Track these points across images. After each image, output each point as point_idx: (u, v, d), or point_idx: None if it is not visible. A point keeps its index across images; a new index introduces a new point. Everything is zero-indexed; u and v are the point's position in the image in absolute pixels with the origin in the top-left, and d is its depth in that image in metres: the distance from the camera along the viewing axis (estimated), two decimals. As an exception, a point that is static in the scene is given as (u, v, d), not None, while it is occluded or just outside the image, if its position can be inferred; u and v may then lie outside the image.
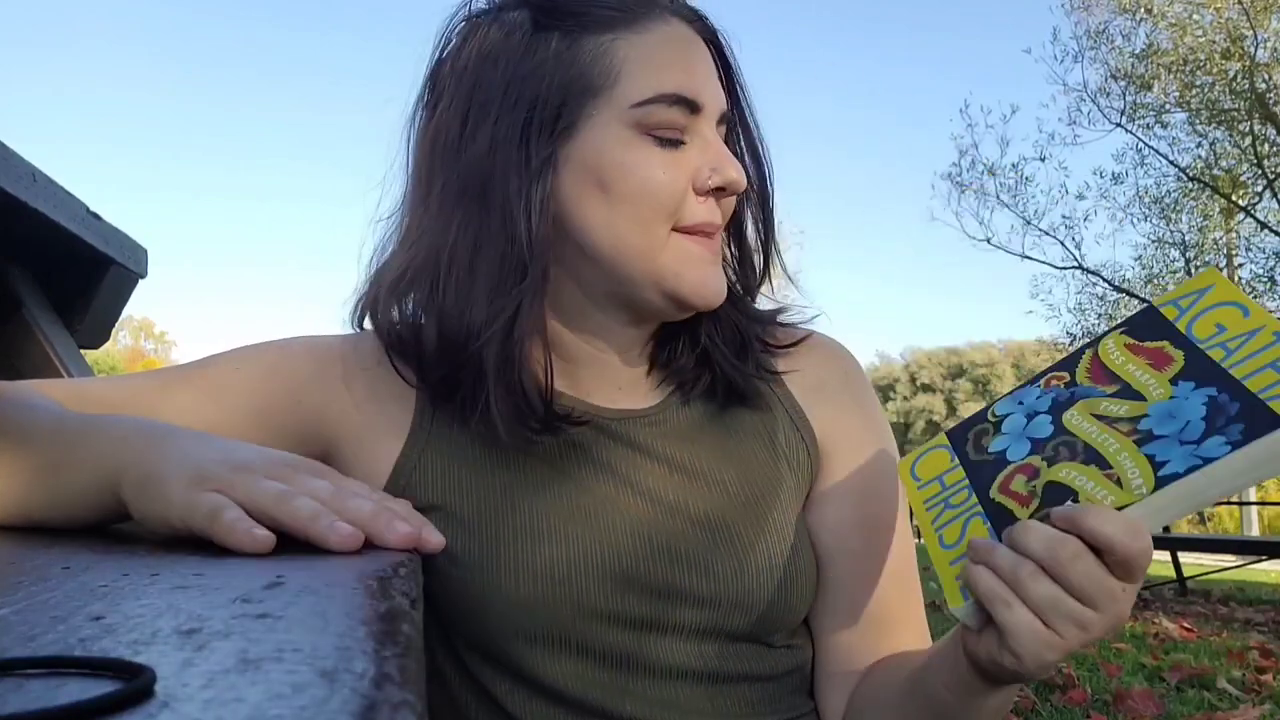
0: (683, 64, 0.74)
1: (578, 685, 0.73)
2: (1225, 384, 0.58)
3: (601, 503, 0.76)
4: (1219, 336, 0.61)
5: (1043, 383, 0.69)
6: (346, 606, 0.35)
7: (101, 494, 0.58)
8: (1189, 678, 2.62)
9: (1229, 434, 0.55)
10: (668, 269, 0.74)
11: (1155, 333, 0.65)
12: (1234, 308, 0.62)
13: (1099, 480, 0.58)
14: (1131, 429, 0.60)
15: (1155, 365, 0.63)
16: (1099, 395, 0.64)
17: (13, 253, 1.31)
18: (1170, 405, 0.59)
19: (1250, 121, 12.81)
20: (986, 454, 0.67)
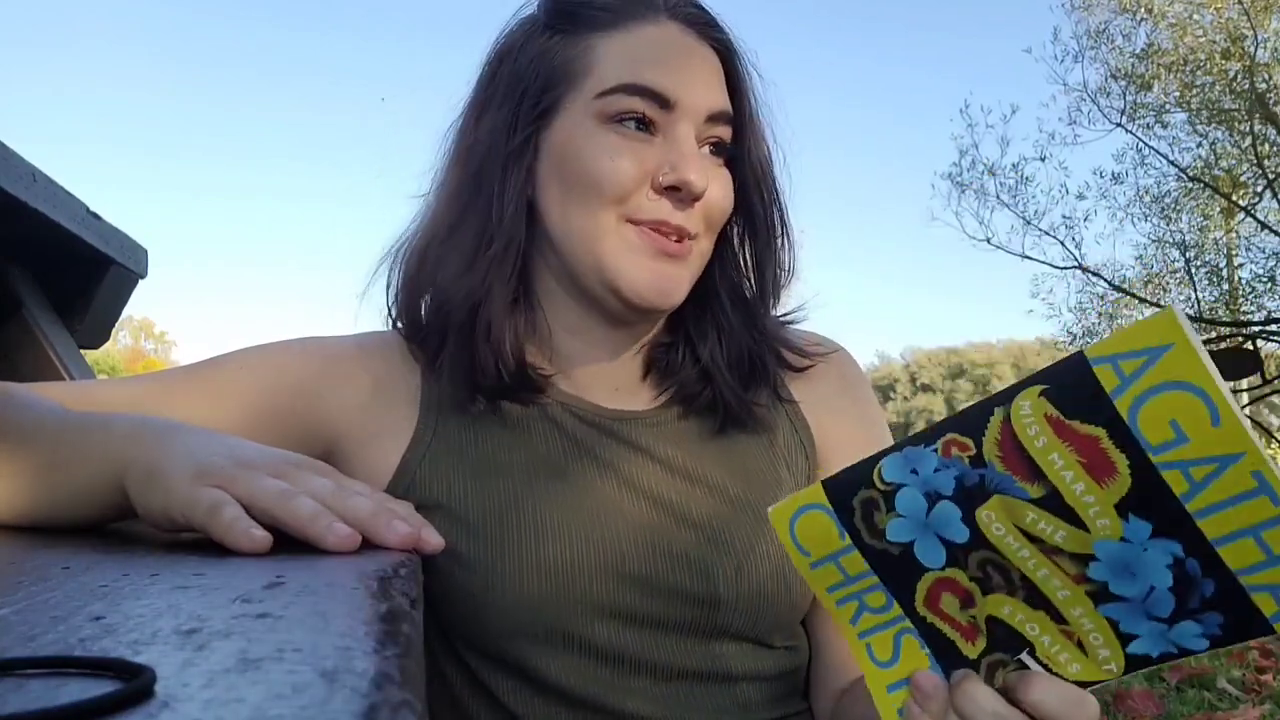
0: (660, 60, 0.75)
1: (578, 684, 0.73)
2: (1193, 544, 0.46)
3: (603, 503, 0.76)
4: (1177, 449, 0.45)
5: (940, 447, 0.52)
6: (346, 606, 0.35)
7: (106, 490, 0.58)
8: (1189, 678, 2.62)
9: (1207, 625, 0.47)
10: (608, 259, 0.75)
11: (1087, 409, 0.47)
12: (1197, 399, 0.44)
13: (1057, 639, 0.51)
14: (1079, 573, 0.49)
15: (1091, 468, 0.47)
16: (1021, 497, 0.50)
17: (13, 253, 1.30)
18: (1124, 552, 0.48)
19: (1250, 121, 12.80)
20: (886, 542, 0.55)
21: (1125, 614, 0.49)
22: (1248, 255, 13.99)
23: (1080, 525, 0.48)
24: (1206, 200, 14.21)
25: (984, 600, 0.53)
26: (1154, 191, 14.23)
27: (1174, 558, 0.47)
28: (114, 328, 1.54)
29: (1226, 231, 14.30)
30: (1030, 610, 0.52)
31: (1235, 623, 0.46)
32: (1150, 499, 0.46)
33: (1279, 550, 0.44)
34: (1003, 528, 0.51)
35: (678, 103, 0.74)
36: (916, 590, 0.55)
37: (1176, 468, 0.45)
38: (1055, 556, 0.50)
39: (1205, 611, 0.47)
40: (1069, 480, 0.48)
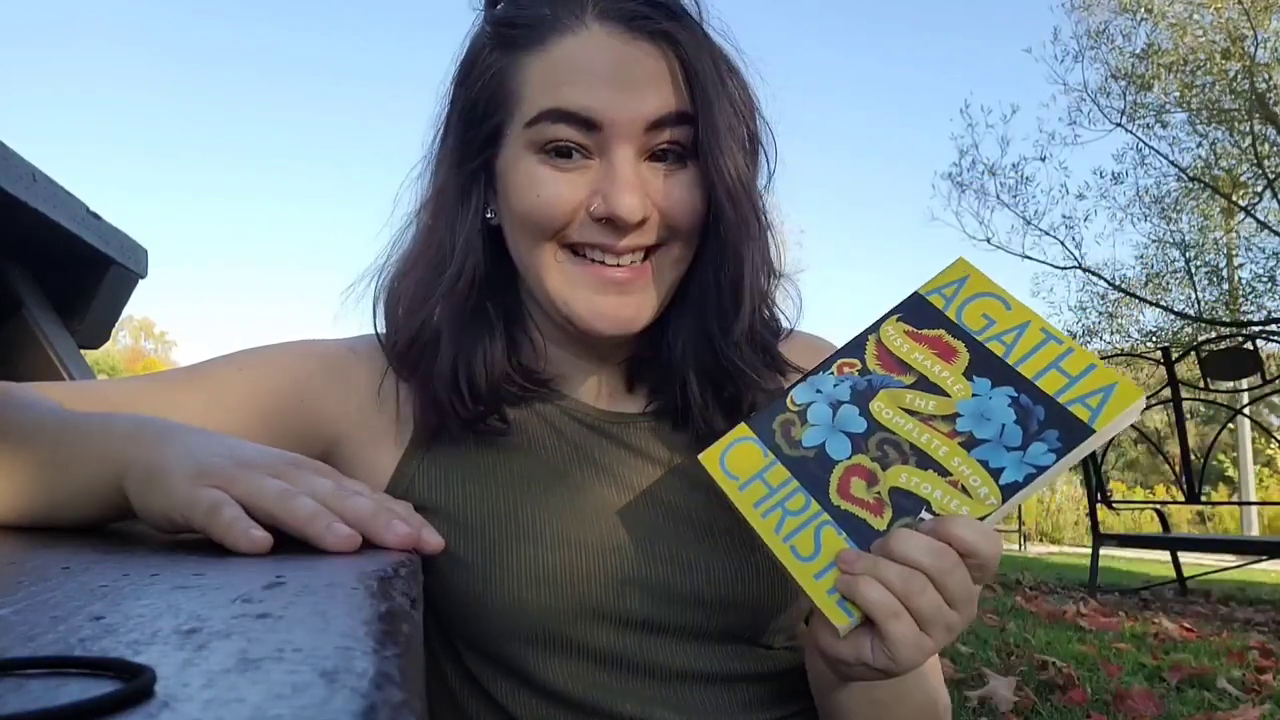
0: (579, 77, 0.70)
1: (577, 686, 0.73)
2: (1020, 384, 0.64)
3: (601, 505, 0.76)
4: (991, 329, 0.67)
5: (835, 369, 0.70)
6: (346, 606, 0.35)
7: (106, 489, 0.58)
8: (1189, 678, 2.61)
9: (1049, 441, 0.61)
10: (555, 293, 0.74)
11: (929, 321, 0.69)
12: (994, 299, 0.68)
13: (946, 490, 0.62)
14: (951, 430, 0.64)
15: (942, 355, 0.67)
16: (899, 386, 0.67)
17: (13, 253, 1.30)
18: (978, 405, 0.64)
19: (1250, 121, 12.80)
20: (802, 448, 0.68)
21: (990, 453, 0.62)
22: (1248, 255, 13.99)
23: (943, 394, 0.66)
24: (1206, 200, 14.20)
25: (885, 474, 0.64)
26: (1154, 191, 14.24)
27: (1010, 397, 0.64)
28: (114, 328, 1.54)
29: (1226, 231, 14.30)
30: (921, 472, 0.63)
31: (1067, 433, 0.61)
32: (983, 363, 0.66)
33: (1075, 373, 0.63)
34: (890, 411, 0.66)
35: (604, 122, 0.69)
36: (830, 483, 0.66)
37: (994, 340, 0.67)
38: (931, 422, 0.65)
39: (1044, 431, 0.62)
40: (928, 365, 0.67)
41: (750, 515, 0.67)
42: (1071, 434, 0.61)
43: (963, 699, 2.31)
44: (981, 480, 0.62)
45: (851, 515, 0.64)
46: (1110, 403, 0.61)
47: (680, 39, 0.71)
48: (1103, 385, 0.62)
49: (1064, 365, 0.64)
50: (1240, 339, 6.33)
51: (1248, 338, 5.54)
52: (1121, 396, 0.61)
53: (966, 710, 2.25)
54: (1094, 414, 0.61)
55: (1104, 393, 0.62)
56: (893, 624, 0.58)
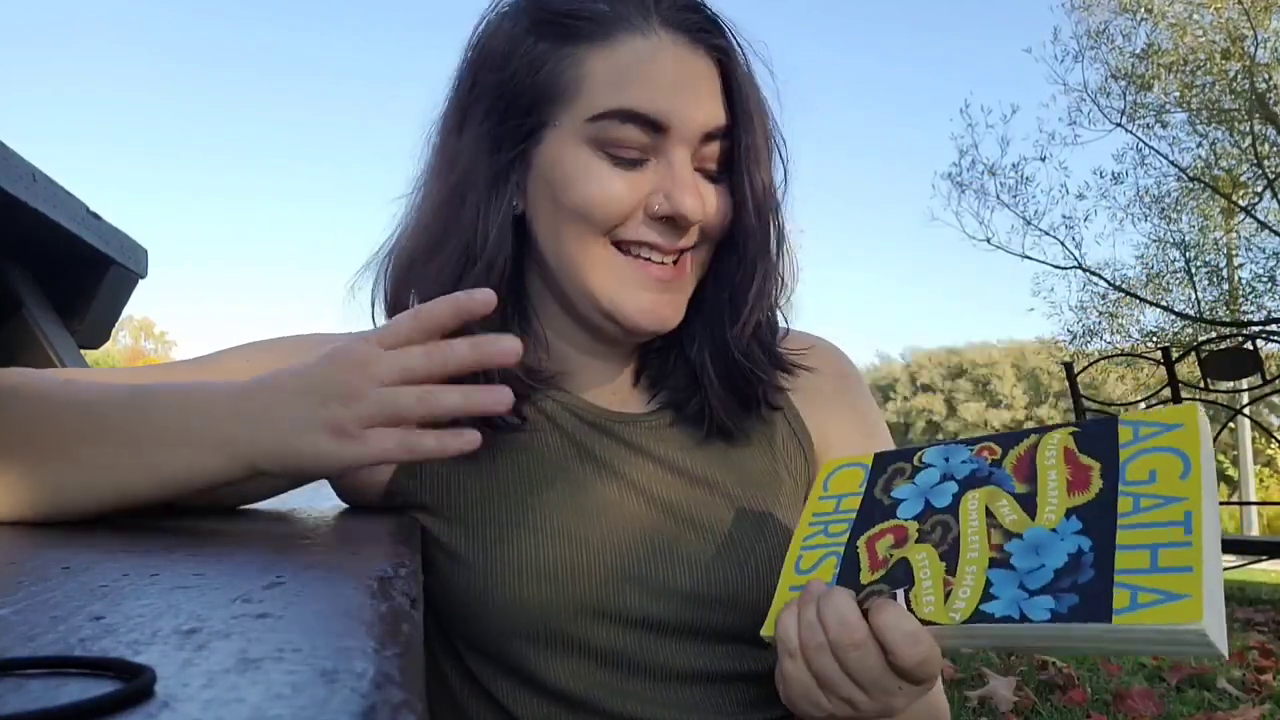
0: (650, 80, 0.71)
1: (577, 685, 0.73)
2: (1102, 542, 0.55)
3: (602, 503, 0.76)
4: (1143, 486, 0.57)
5: (976, 449, 0.66)
6: (346, 606, 0.35)
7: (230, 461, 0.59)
8: (1189, 678, 2.62)
9: (1060, 602, 0.54)
10: (602, 289, 0.74)
11: (1098, 450, 0.61)
12: (1179, 458, 0.58)
13: (936, 583, 0.59)
14: (1000, 544, 0.59)
15: (1072, 485, 0.60)
16: (1008, 489, 0.62)
17: (13, 253, 1.30)
18: (1043, 538, 0.57)
19: (1250, 121, 12.79)
20: (888, 497, 0.67)
21: (1004, 579, 0.57)
22: (1248, 255, 13.98)
23: (1029, 516, 0.59)
24: (1206, 200, 14.19)
25: (911, 545, 0.62)
26: (1154, 191, 14.22)
27: (1079, 548, 0.56)
28: (114, 328, 1.54)
29: (1226, 231, 14.29)
30: (936, 561, 0.60)
31: (1082, 607, 0.53)
32: (1097, 510, 0.57)
33: (1163, 565, 0.52)
34: (976, 504, 0.62)
35: (671, 127, 0.71)
36: (871, 529, 0.65)
37: (1131, 496, 0.57)
38: (993, 529, 0.59)
39: (1067, 593, 0.54)
40: (1049, 486, 0.60)
41: (804, 518, 0.70)
42: (1086, 609, 0.53)
43: (963, 699, 2.31)
44: (969, 595, 0.57)
45: (856, 558, 0.64)
46: (1156, 608, 0.51)
47: (734, 57, 0.75)
48: (1171, 590, 0.51)
49: (1163, 552, 0.53)
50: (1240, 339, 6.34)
51: (1248, 338, 5.55)
52: (1173, 610, 0.50)
53: (966, 710, 2.25)
54: (1129, 608, 0.51)
55: (1164, 598, 0.51)
56: (786, 661, 0.60)
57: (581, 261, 0.74)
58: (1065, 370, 5.28)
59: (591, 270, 0.74)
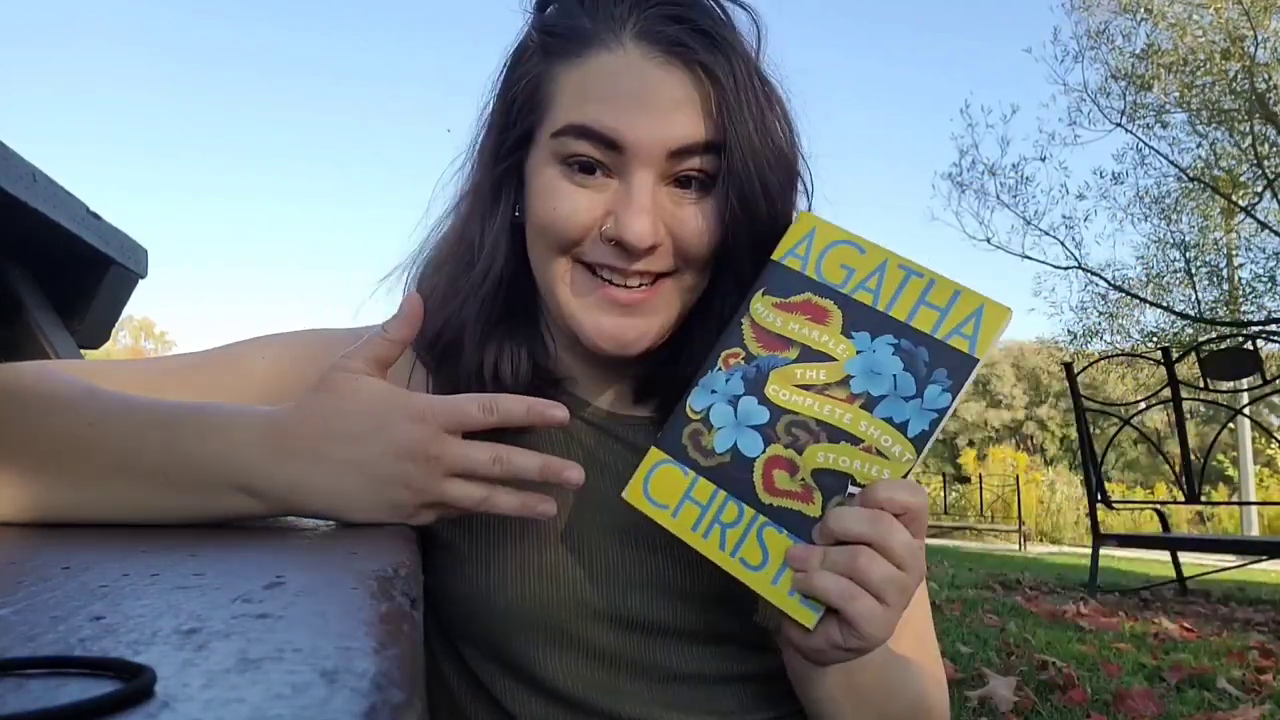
0: (608, 96, 0.69)
1: (577, 685, 0.73)
2: (897, 330, 0.64)
3: (604, 504, 0.76)
4: (853, 278, 0.66)
5: (721, 363, 0.69)
6: (346, 606, 0.35)
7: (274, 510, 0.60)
8: (1189, 678, 2.61)
9: (940, 381, 0.62)
10: (565, 305, 0.74)
11: (793, 287, 0.68)
12: (847, 246, 0.68)
13: (863, 458, 0.63)
14: (848, 395, 0.64)
15: (815, 319, 0.66)
16: (785, 363, 0.66)
17: (13, 253, 1.30)
18: (864, 361, 0.64)
19: (1250, 121, 12.79)
20: (717, 455, 0.66)
21: (892, 408, 0.63)
22: (1248, 255, 13.98)
23: (829, 359, 0.65)
24: (1206, 200, 14.19)
25: (802, 459, 0.64)
26: (1154, 192, 14.22)
27: (891, 345, 0.64)
28: (114, 328, 1.54)
29: (1226, 232, 14.29)
30: (835, 446, 0.63)
31: (954, 369, 0.62)
32: (857, 316, 0.65)
33: (943, 304, 0.64)
34: (786, 392, 0.65)
35: (626, 145, 0.68)
36: (755, 483, 0.65)
37: (859, 289, 0.66)
38: (828, 391, 0.64)
39: (933, 371, 0.62)
40: (806, 333, 0.66)
41: (691, 540, 0.66)
42: (959, 368, 0.62)
43: (963, 699, 2.31)
44: (893, 439, 0.62)
45: (785, 510, 0.64)
46: (984, 328, 0.62)
47: (718, 72, 0.69)
48: (972, 311, 0.63)
49: (930, 299, 0.64)
50: (1240, 339, 6.33)
51: (1248, 338, 5.55)
52: (992, 319, 0.62)
53: (966, 710, 2.25)
54: (972, 342, 0.62)
55: (975, 318, 0.63)
56: (853, 605, 0.59)
57: (549, 276, 0.74)
58: (1065, 370, 5.28)
59: (557, 285, 0.74)
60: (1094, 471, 4.98)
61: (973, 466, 29.06)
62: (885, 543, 0.59)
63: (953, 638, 3.15)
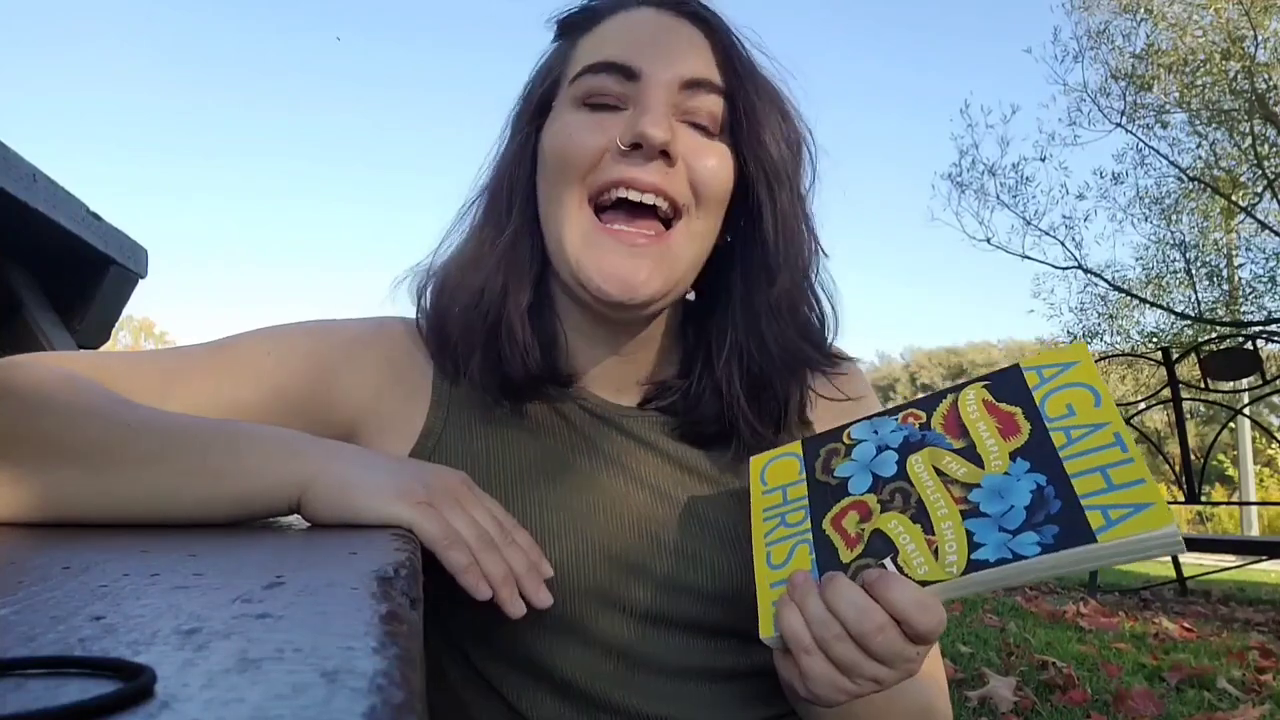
0: (625, 38, 0.75)
1: (583, 676, 0.73)
2: (1055, 475, 0.60)
3: (610, 496, 0.77)
4: (1066, 420, 0.63)
5: (900, 417, 0.69)
6: (347, 606, 0.35)
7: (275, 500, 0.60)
8: (1189, 678, 2.62)
9: (1043, 535, 0.57)
10: (572, 251, 0.74)
11: (1013, 396, 0.66)
12: (1088, 391, 0.64)
13: (920, 545, 0.61)
14: (963, 497, 0.62)
15: (1003, 431, 0.64)
16: (946, 447, 0.65)
17: (13, 253, 1.30)
18: (1001, 482, 0.61)
19: (1250, 122, 12.80)
20: (832, 478, 0.69)
21: (982, 527, 0.60)
22: (1248, 255, 13.99)
23: (979, 465, 0.63)
24: (1206, 201, 14.19)
25: (878, 516, 0.64)
26: (1154, 192, 14.24)
27: (1037, 484, 0.60)
28: (114, 328, 1.54)
29: (1227, 232, 14.29)
30: (910, 524, 0.62)
31: (1065, 534, 0.57)
32: (1036, 448, 0.62)
33: (1117, 482, 0.58)
34: (923, 466, 0.65)
35: (642, 71, 0.73)
36: (832, 510, 0.66)
37: (1061, 430, 0.62)
38: (951, 486, 0.63)
39: (1045, 525, 0.58)
40: (984, 436, 0.65)
41: (755, 516, 0.70)
42: (1071, 535, 0.56)
43: (963, 699, 2.31)
44: (957, 548, 0.59)
45: (829, 541, 0.65)
46: (1130, 520, 0.55)
47: (717, 26, 0.77)
48: (1134, 501, 0.56)
49: (1113, 473, 0.58)
50: (1240, 339, 6.33)
51: (1248, 338, 5.54)
52: (1146, 519, 0.55)
53: (966, 710, 2.25)
54: (1107, 526, 0.56)
55: (1132, 510, 0.56)
56: (804, 658, 0.59)
57: (559, 218, 0.75)
58: (1065, 370, 5.27)
59: (567, 230, 0.74)
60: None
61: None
62: (863, 638, 0.58)
63: (953, 638, 3.15)
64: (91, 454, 0.60)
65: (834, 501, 0.67)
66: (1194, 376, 5.09)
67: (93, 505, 0.59)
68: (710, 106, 0.75)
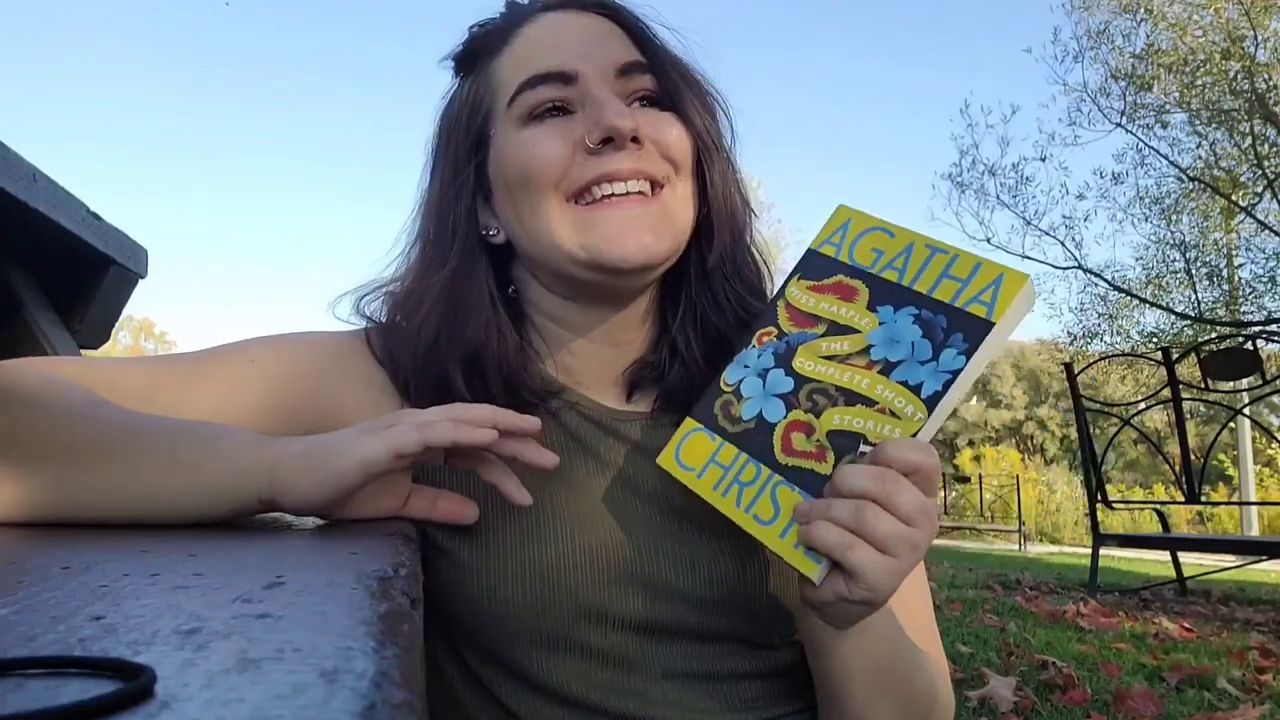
0: (546, 46, 0.76)
1: (580, 686, 0.73)
2: (918, 301, 0.67)
3: (605, 504, 0.76)
4: (882, 259, 0.70)
5: (755, 341, 0.73)
6: (346, 606, 0.35)
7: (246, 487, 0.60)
8: (1189, 678, 2.61)
9: (955, 345, 0.64)
10: (571, 241, 0.74)
11: (827, 271, 0.73)
12: (879, 232, 0.72)
13: (877, 418, 0.65)
14: (868, 362, 0.67)
15: (844, 298, 0.70)
16: (813, 338, 0.70)
17: (13, 253, 1.30)
18: (885, 331, 0.67)
19: (1250, 122, 12.79)
20: (743, 422, 0.71)
21: (907, 372, 0.65)
22: (1248, 255, 13.98)
23: (854, 331, 0.68)
24: (1206, 201, 14.19)
25: (819, 422, 0.67)
26: (1154, 192, 14.23)
27: (912, 315, 0.66)
28: (114, 328, 1.54)
29: (1227, 232, 14.28)
30: (851, 409, 0.66)
31: (970, 333, 0.64)
32: (883, 293, 0.69)
33: (965, 276, 0.66)
34: (811, 363, 0.69)
35: (577, 72, 0.75)
36: (774, 446, 0.68)
37: (887, 268, 0.70)
38: (850, 360, 0.68)
39: (949, 337, 0.64)
40: (834, 311, 0.70)
41: (711, 498, 0.70)
42: (974, 332, 0.63)
43: (963, 699, 2.30)
44: (906, 400, 0.64)
45: (799, 469, 0.66)
46: (1001, 294, 0.64)
47: (618, 11, 0.79)
48: (991, 280, 0.65)
49: (953, 272, 0.66)
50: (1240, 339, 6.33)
51: (1248, 338, 5.54)
52: (1010, 285, 0.64)
53: (966, 710, 2.25)
54: (989, 308, 0.64)
55: (994, 286, 0.64)
56: (852, 555, 0.60)
57: (544, 226, 0.75)
58: (1065, 370, 5.28)
59: (556, 229, 0.74)
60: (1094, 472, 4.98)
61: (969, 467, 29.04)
62: (890, 500, 0.60)
63: (953, 638, 3.15)
64: (64, 452, 0.61)
65: (768, 438, 0.69)
66: (1194, 376, 5.09)
67: (66, 503, 0.61)
68: (647, 84, 0.77)
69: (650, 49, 0.78)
